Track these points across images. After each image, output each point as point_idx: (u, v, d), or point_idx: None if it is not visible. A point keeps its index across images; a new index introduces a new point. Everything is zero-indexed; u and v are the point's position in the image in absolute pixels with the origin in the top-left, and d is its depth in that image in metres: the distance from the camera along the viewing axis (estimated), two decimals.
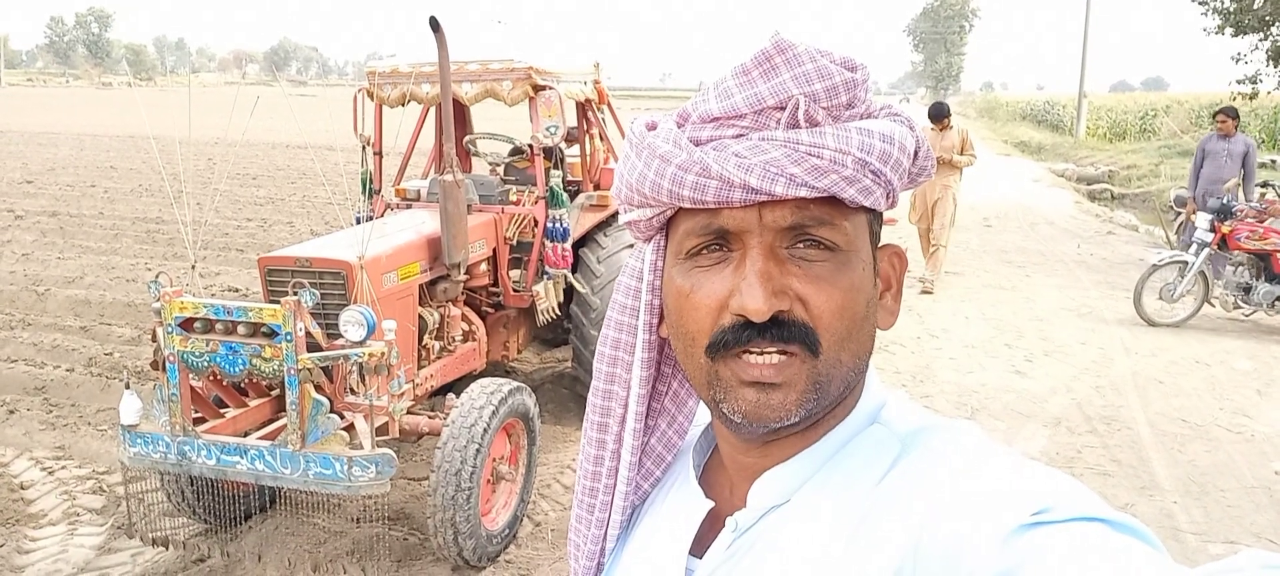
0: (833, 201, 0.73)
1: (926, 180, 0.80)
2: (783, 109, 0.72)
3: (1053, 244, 12.42)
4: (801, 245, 0.73)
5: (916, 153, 0.77)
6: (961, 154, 9.33)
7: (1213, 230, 7.90)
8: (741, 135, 0.72)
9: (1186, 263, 7.99)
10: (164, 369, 3.65)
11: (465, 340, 5.02)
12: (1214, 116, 9.78)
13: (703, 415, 0.93)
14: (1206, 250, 7.89)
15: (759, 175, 0.70)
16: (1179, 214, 11.55)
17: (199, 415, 3.83)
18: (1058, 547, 0.59)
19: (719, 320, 0.74)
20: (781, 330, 0.72)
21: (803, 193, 0.70)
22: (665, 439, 0.91)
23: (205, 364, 3.62)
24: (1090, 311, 8.57)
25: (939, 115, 9.53)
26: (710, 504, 0.83)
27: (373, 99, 5.26)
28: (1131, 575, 0.56)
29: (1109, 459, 5.18)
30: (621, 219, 0.84)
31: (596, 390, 0.89)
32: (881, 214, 0.79)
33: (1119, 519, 0.62)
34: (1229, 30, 14.89)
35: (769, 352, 0.72)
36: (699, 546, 0.81)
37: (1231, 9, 14.77)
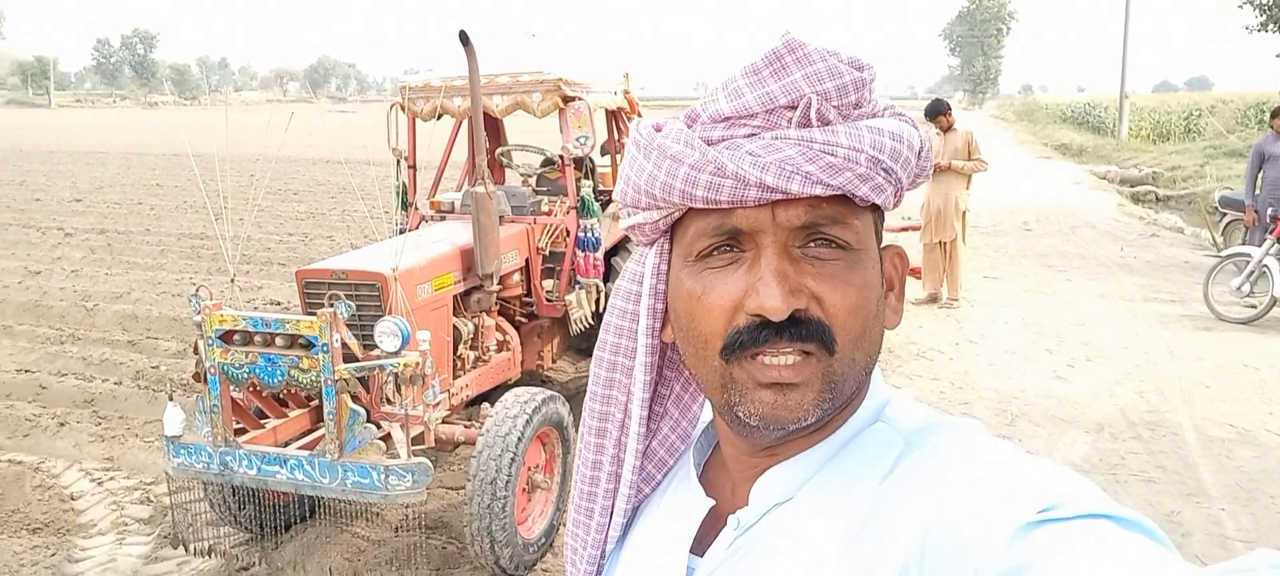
0: (844, 200, 0.73)
1: (925, 180, 0.80)
2: (794, 108, 0.72)
3: (1094, 247, 12.21)
4: (814, 244, 0.73)
5: (920, 151, 0.77)
6: (969, 159, 8.54)
7: None
8: (753, 134, 0.72)
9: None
10: (206, 381, 3.73)
11: (500, 350, 5.06)
12: (1273, 117, 9.41)
13: (704, 415, 0.92)
14: None
15: (774, 173, 0.70)
16: (1224, 215, 11.29)
17: (240, 426, 3.90)
18: (1064, 545, 0.59)
19: (733, 321, 0.73)
20: (798, 329, 0.72)
21: (818, 191, 0.70)
22: (667, 442, 0.90)
23: (245, 375, 3.69)
24: (1133, 315, 8.42)
25: (936, 111, 8.62)
26: (711, 502, 0.83)
27: (406, 113, 5.34)
28: (1139, 572, 0.56)
29: (1154, 465, 5.08)
30: (622, 224, 0.84)
31: (594, 394, 0.89)
32: (884, 214, 0.80)
33: (1126, 515, 0.62)
34: (1272, 27, 14.57)
35: (786, 353, 0.72)
36: (700, 545, 0.81)
37: (1271, 4, 14.44)
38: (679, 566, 0.81)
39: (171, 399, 3.86)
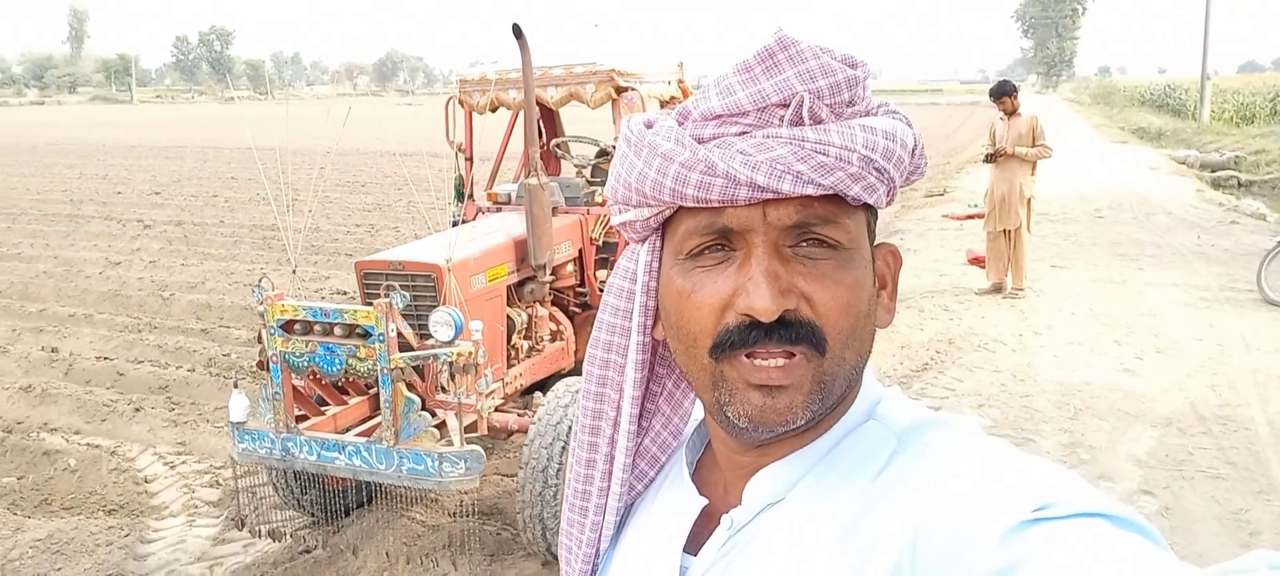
0: (836, 199, 0.72)
1: (919, 177, 0.79)
2: (786, 106, 0.71)
3: (1170, 235, 11.80)
4: (805, 244, 0.73)
5: (914, 149, 0.76)
6: (1033, 145, 8.23)
7: None
8: (745, 133, 0.72)
9: None
10: (268, 369, 3.85)
11: (553, 339, 5.12)
12: None
13: (697, 412, 0.91)
14: None
15: (766, 173, 0.69)
16: None
17: (302, 413, 4.02)
18: (1058, 544, 0.58)
19: (723, 320, 0.73)
20: (788, 330, 0.71)
21: (809, 190, 0.70)
22: (659, 439, 0.89)
23: (305, 364, 3.80)
24: (1208, 305, 8.12)
25: (1002, 93, 8.33)
26: (704, 501, 0.82)
27: (463, 106, 5.42)
28: (1135, 571, 0.56)
29: (1223, 461, 4.92)
30: (613, 220, 0.83)
31: (588, 392, 0.88)
32: (877, 212, 0.79)
33: (1122, 514, 0.61)
34: None
35: (775, 354, 0.71)
36: (693, 544, 0.81)
37: None
38: (672, 566, 0.81)
39: (237, 386, 4.00)
